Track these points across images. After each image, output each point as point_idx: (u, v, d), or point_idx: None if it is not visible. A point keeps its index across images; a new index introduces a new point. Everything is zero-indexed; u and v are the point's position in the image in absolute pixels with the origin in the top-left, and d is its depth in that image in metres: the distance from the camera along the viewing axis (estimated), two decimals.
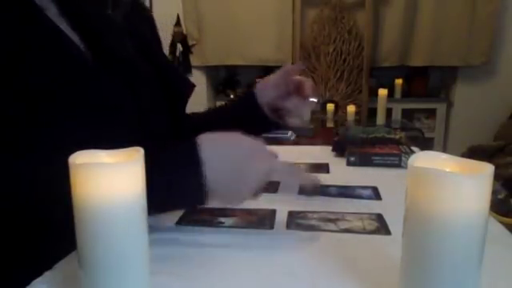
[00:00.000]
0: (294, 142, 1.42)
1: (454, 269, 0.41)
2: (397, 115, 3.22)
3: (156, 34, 0.90)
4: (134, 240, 0.44)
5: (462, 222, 0.40)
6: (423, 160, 0.43)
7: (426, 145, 2.94)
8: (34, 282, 0.50)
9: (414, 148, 1.11)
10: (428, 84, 3.38)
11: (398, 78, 3.27)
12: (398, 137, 1.15)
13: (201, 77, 3.29)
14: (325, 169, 0.99)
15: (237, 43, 3.22)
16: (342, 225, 0.66)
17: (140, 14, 0.86)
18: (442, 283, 0.41)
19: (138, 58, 0.77)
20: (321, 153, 1.13)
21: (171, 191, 0.55)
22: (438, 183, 0.39)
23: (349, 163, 1.02)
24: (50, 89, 0.60)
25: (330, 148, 1.14)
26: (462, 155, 0.48)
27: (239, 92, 3.34)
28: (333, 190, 0.83)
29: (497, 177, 0.43)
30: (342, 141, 1.11)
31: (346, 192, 0.82)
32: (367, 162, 1.01)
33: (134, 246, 0.44)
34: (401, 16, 3.10)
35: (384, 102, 2.47)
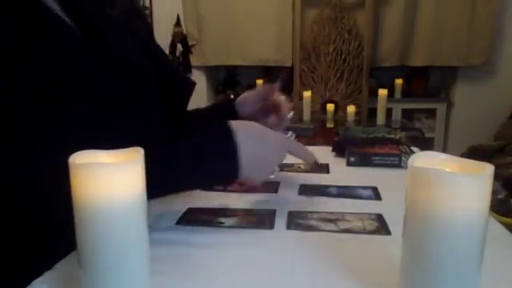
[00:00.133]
0: None
1: (454, 269, 0.41)
2: (397, 115, 3.22)
3: (152, 33, 0.91)
4: (134, 240, 0.44)
5: (462, 222, 0.40)
6: (423, 160, 0.43)
7: (426, 145, 2.94)
8: (34, 282, 0.50)
9: (413, 148, 1.11)
10: (428, 84, 3.38)
11: (398, 77, 3.27)
12: (398, 137, 1.15)
13: (201, 77, 3.29)
14: (325, 169, 0.99)
15: (237, 43, 3.22)
16: (342, 225, 0.66)
17: (137, 14, 0.86)
18: (442, 283, 0.41)
19: (138, 56, 0.77)
20: (321, 153, 1.13)
21: (208, 171, 0.64)
22: (438, 183, 0.39)
23: (349, 163, 1.02)
24: (52, 87, 0.60)
25: (330, 148, 1.14)
26: (462, 155, 0.48)
27: (225, 96, 3.34)
28: (333, 190, 0.83)
29: (497, 177, 0.43)
30: (342, 141, 1.11)
31: (345, 192, 0.82)
32: (367, 162, 1.01)
33: (133, 246, 0.44)
34: (401, 16, 3.10)
35: (384, 101, 2.47)
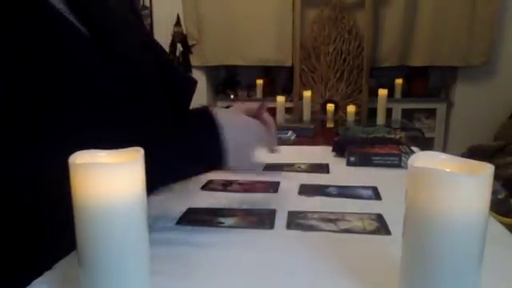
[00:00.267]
0: (294, 142, 1.42)
1: (454, 269, 0.41)
2: (397, 115, 3.22)
3: (152, 31, 0.92)
4: (133, 240, 0.44)
5: (462, 222, 0.40)
6: (423, 160, 0.43)
7: (426, 145, 2.94)
8: (34, 282, 0.50)
9: (413, 148, 1.11)
10: (428, 84, 3.38)
11: (398, 78, 3.27)
12: (398, 137, 1.15)
13: (201, 77, 3.29)
14: (325, 169, 0.99)
15: (237, 43, 3.22)
16: (342, 225, 0.66)
17: (134, 13, 0.86)
18: (442, 283, 0.41)
19: (142, 55, 0.77)
20: (321, 153, 1.13)
21: (195, 154, 0.66)
22: (438, 183, 0.39)
23: (349, 163, 1.02)
24: (52, 87, 0.60)
25: (330, 148, 1.14)
26: (462, 155, 0.48)
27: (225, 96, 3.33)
28: (333, 190, 0.83)
29: (497, 177, 0.43)
30: (342, 141, 1.11)
31: (345, 192, 0.82)
32: (367, 162, 1.01)
33: (133, 246, 0.44)
34: (401, 16, 3.10)
35: (384, 101, 2.47)
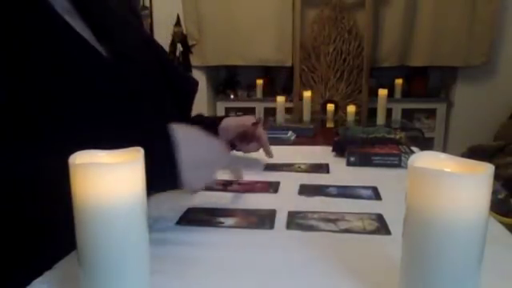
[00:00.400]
0: (294, 142, 1.42)
1: (454, 269, 0.41)
2: (397, 115, 3.22)
3: (152, 31, 0.92)
4: (134, 240, 0.44)
5: (462, 222, 0.40)
6: (423, 160, 0.43)
7: (426, 145, 2.94)
8: (34, 281, 0.50)
9: (413, 148, 1.11)
10: (428, 84, 3.39)
11: (398, 78, 3.27)
12: (398, 137, 1.15)
13: (201, 77, 3.29)
14: (325, 169, 0.99)
15: (237, 43, 3.22)
16: (342, 225, 0.66)
17: (133, 13, 0.86)
18: (442, 283, 0.41)
19: (142, 54, 0.77)
20: (321, 153, 1.13)
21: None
22: (438, 183, 0.39)
23: (349, 163, 1.02)
24: (52, 87, 0.60)
25: (330, 148, 1.14)
26: (462, 155, 0.48)
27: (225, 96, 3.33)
28: (333, 190, 0.83)
29: (497, 177, 0.43)
30: (342, 141, 1.11)
31: (345, 192, 0.82)
32: (367, 162, 1.01)
33: (133, 246, 0.44)
34: (401, 16, 3.10)
35: (384, 101, 2.47)
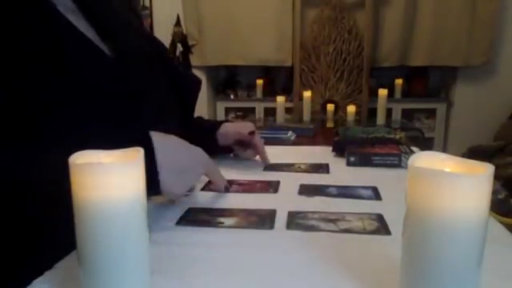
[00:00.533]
0: (294, 142, 1.42)
1: (454, 269, 0.41)
2: (397, 115, 3.23)
3: (152, 30, 0.92)
4: (133, 240, 0.44)
5: (462, 222, 0.40)
6: (423, 160, 0.43)
7: (426, 145, 2.95)
8: (34, 281, 0.50)
9: (413, 148, 1.11)
10: (428, 84, 3.39)
11: (398, 78, 3.27)
12: (397, 137, 1.15)
13: (201, 77, 3.24)
14: (325, 169, 0.99)
15: (237, 43, 3.22)
16: (342, 225, 0.66)
17: (133, 13, 0.86)
18: (442, 283, 0.41)
19: (146, 54, 0.77)
20: (321, 153, 1.13)
21: None
22: (438, 183, 0.39)
23: (349, 163, 1.02)
24: (52, 87, 0.60)
25: (330, 148, 1.14)
26: (462, 155, 0.48)
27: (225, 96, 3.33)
28: (333, 190, 0.83)
29: (497, 177, 0.43)
30: (342, 141, 1.11)
31: (345, 192, 0.82)
32: (367, 162, 1.01)
33: (133, 246, 0.44)
34: (401, 16, 3.10)
35: (384, 101, 2.48)
